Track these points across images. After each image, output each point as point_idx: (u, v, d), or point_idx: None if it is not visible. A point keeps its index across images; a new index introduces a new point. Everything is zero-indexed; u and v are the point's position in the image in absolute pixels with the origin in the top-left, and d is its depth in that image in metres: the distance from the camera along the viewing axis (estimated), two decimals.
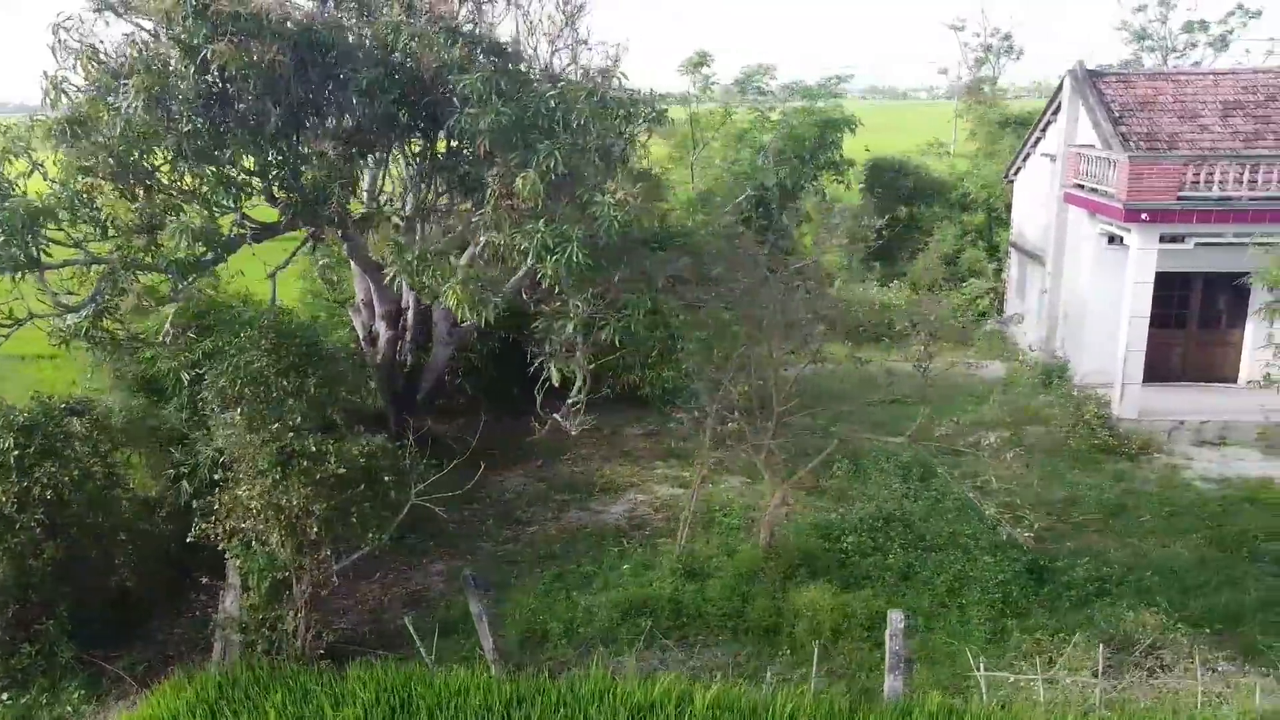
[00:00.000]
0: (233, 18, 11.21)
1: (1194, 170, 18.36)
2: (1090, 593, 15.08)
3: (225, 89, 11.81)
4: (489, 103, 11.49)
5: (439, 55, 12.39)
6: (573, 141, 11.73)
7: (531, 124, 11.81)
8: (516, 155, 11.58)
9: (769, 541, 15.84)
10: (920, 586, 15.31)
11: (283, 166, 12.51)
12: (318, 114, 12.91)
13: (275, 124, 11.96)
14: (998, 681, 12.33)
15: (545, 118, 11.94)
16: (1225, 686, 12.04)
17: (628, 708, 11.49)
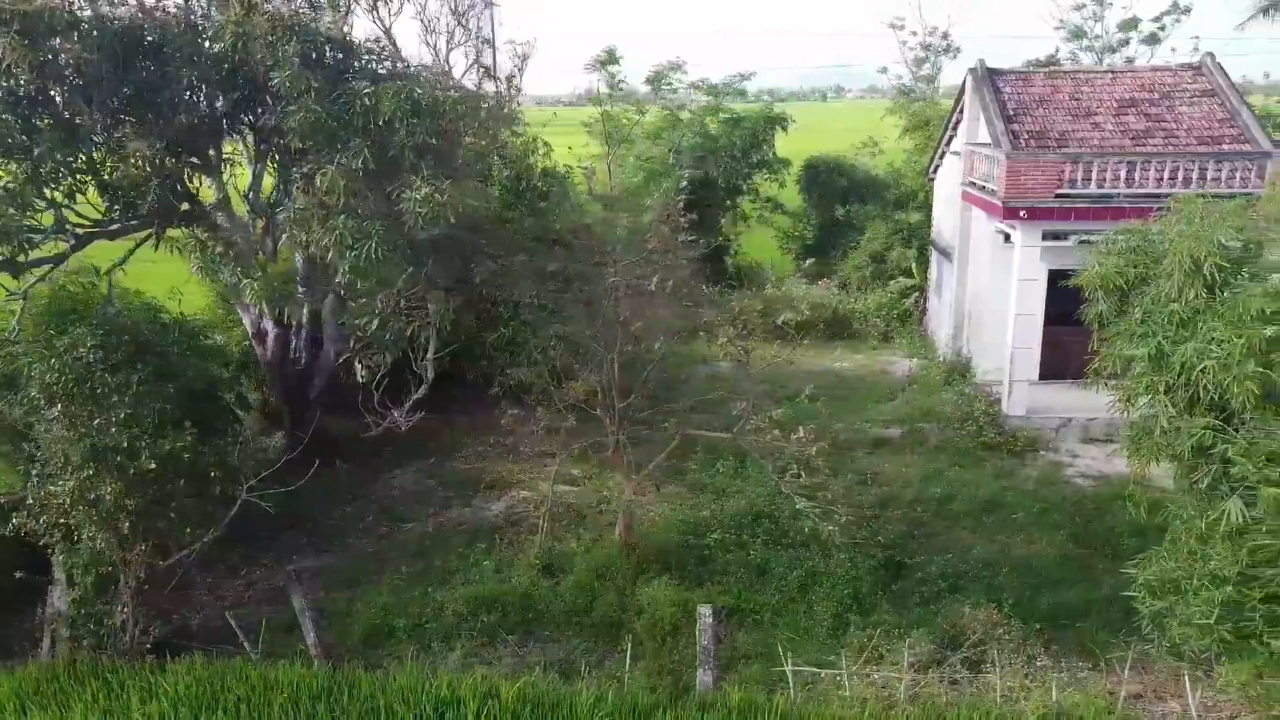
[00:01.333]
0: (19, 16, 11.20)
1: (1072, 168, 18.39)
2: (942, 589, 15.13)
3: (35, 88, 11.86)
4: (301, 99, 11.53)
5: (272, 54, 12.44)
6: (383, 139, 11.76)
7: (346, 121, 11.86)
8: (327, 152, 11.64)
9: (626, 537, 15.88)
10: (774, 582, 15.34)
11: (101, 164, 12.55)
12: (140, 112, 12.93)
13: (91, 123, 11.99)
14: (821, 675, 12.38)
15: (359, 115, 11.99)
16: (1028, 681, 12.05)
17: (434, 702, 11.54)
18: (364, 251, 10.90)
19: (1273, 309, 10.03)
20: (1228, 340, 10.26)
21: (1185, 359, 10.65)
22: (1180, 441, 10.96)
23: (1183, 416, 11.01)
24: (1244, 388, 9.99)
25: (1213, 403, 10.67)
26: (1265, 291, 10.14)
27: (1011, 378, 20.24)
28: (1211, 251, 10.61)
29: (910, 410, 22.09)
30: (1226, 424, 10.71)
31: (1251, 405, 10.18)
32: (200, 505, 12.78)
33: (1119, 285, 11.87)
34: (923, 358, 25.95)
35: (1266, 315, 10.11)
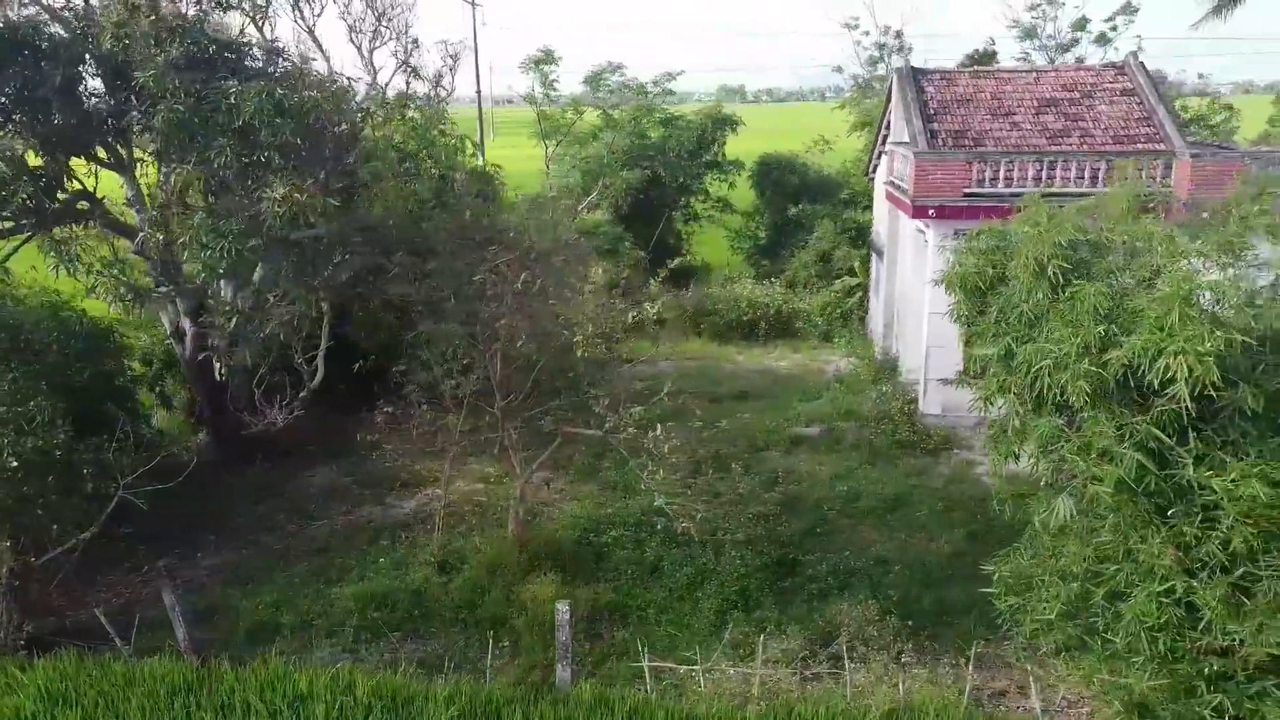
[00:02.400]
0: None
1: (980, 167, 18.45)
2: (831, 587, 15.21)
3: None
4: (166, 100, 11.58)
5: (149, 54, 12.49)
6: (253, 139, 11.81)
7: (211, 121, 11.91)
8: (191, 152, 11.71)
9: (517, 534, 15.96)
10: (664, 580, 15.42)
11: None
12: (21, 111, 13.01)
13: None
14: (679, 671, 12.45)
15: (224, 115, 12.04)
16: (886, 677, 12.11)
17: (289, 695, 11.61)
18: (217, 250, 10.96)
19: (1106, 308, 10.10)
20: (1065, 340, 10.35)
21: (1028, 359, 10.73)
22: (1029, 441, 11.08)
23: (1030, 416, 11.10)
24: (1077, 386, 10.07)
25: (1057, 402, 10.75)
26: (1099, 290, 10.20)
27: (926, 376, 20.31)
28: (1053, 253, 10.68)
29: (832, 409, 22.16)
30: (1071, 422, 10.80)
31: (1086, 403, 10.25)
32: (72, 503, 12.82)
33: (977, 285, 11.93)
34: (859, 357, 26.04)
35: (1101, 314, 10.18)
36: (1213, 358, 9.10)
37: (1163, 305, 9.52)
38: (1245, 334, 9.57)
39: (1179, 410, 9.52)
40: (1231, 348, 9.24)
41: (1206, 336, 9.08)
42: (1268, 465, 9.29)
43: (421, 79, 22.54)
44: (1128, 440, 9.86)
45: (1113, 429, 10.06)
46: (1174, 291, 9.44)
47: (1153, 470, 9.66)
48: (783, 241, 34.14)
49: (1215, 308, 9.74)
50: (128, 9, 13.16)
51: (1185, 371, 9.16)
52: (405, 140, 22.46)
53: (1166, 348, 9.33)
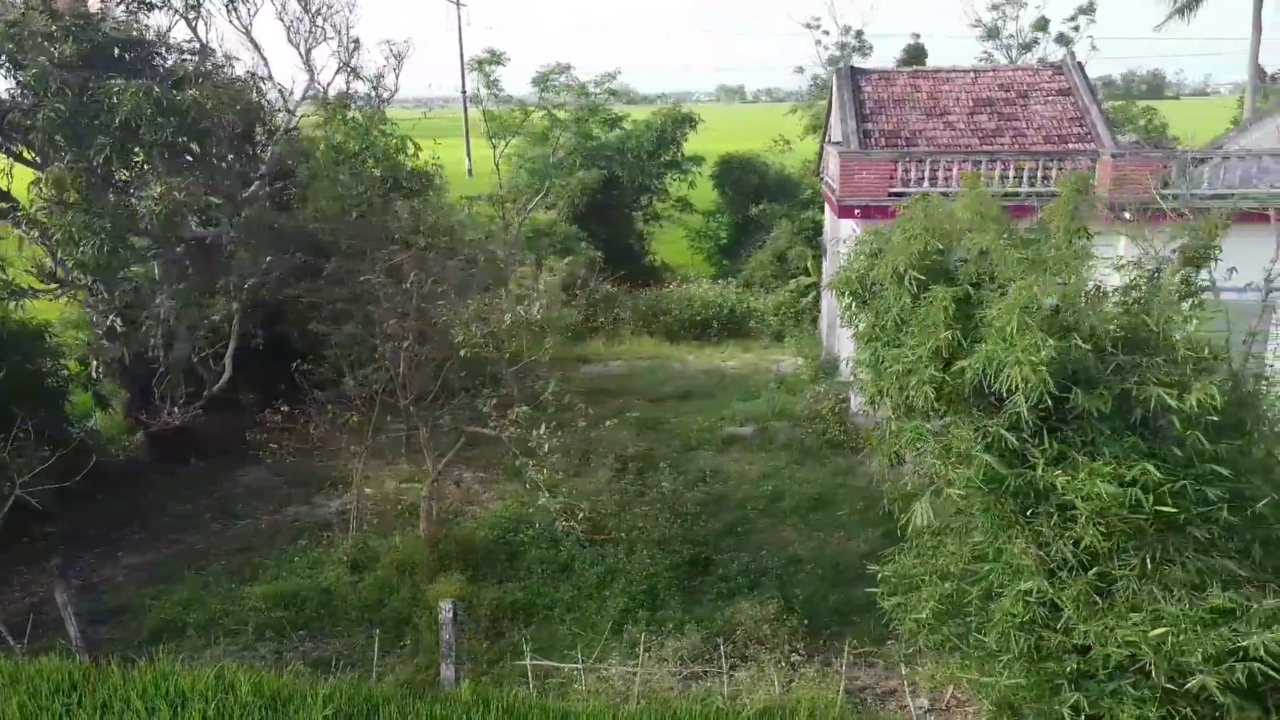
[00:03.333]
0: None
1: (904, 166, 18.45)
2: (740, 586, 15.22)
3: None
4: (48, 99, 11.60)
5: (42, 52, 12.51)
6: (132, 137, 11.84)
7: (93, 119, 11.93)
8: (72, 150, 11.72)
9: (428, 533, 15.98)
10: (575, 579, 15.43)
11: None
12: None
13: None
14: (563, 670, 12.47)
15: (106, 114, 12.05)
16: (756, 678, 12.14)
17: (169, 694, 11.63)
18: (89, 247, 10.97)
19: (955, 314, 10.13)
20: (918, 344, 10.40)
21: (888, 363, 10.78)
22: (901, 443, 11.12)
23: (904, 419, 11.13)
24: (922, 391, 10.12)
25: (923, 406, 10.76)
26: (947, 297, 10.22)
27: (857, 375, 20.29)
28: (910, 261, 10.70)
29: (768, 409, 22.19)
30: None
31: (935, 407, 10.31)
32: None
33: (858, 289, 11.95)
34: (805, 356, 26.07)
35: (950, 320, 10.20)
36: (1050, 365, 9.14)
37: (1006, 315, 9.56)
38: (1094, 338, 9.62)
39: (1040, 411, 9.57)
40: (1074, 353, 9.26)
41: (1041, 345, 9.11)
42: (1118, 465, 9.31)
43: (361, 79, 22.54)
44: (980, 443, 9.91)
45: (969, 432, 10.12)
46: (1014, 301, 9.47)
47: (1004, 471, 9.71)
48: (744, 241, 34.18)
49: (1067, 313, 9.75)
50: (25, 7, 13.16)
51: (1020, 381, 9.21)
52: (346, 140, 22.52)
53: (1007, 358, 9.39)
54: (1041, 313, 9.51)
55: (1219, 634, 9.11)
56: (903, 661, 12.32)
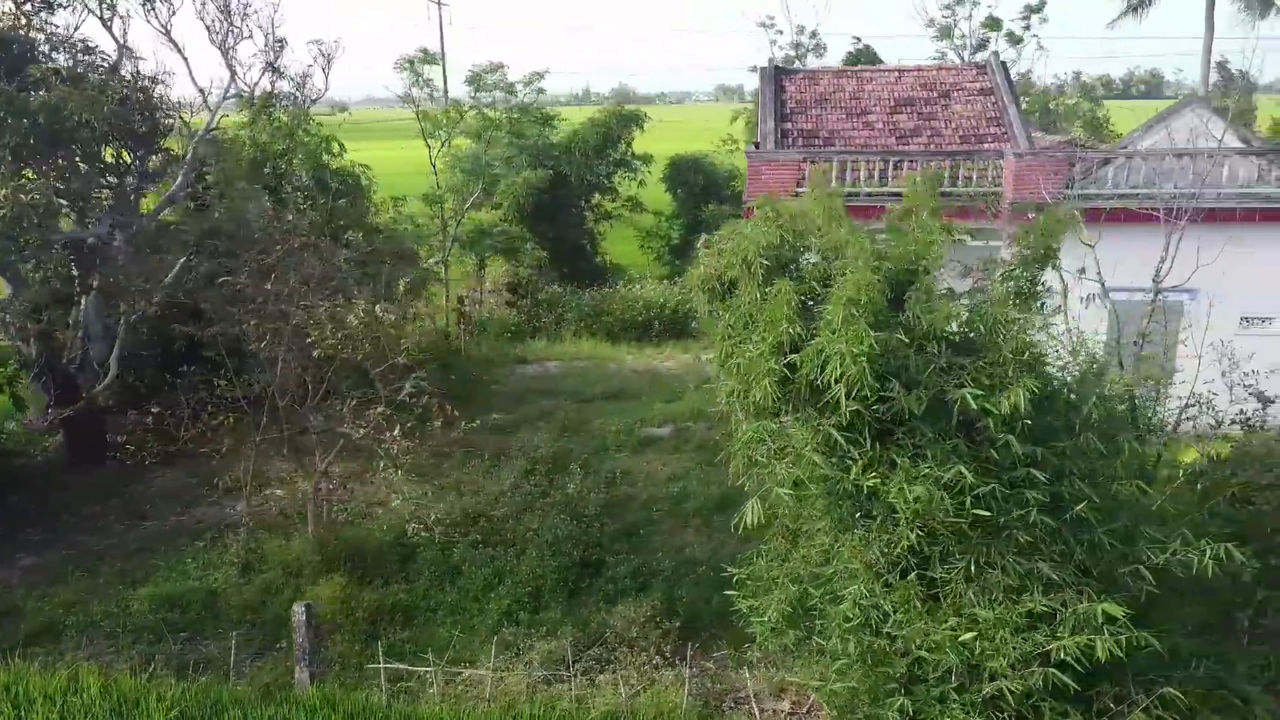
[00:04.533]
0: None
1: (810, 167, 18.38)
2: (629, 587, 15.15)
3: None
4: None
5: None
6: None
7: None
8: None
9: (318, 535, 15.92)
10: (463, 581, 15.38)
11: None
12: None
13: None
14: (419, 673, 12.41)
15: None
16: (609, 681, 12.08)
17: (19, 698, 11.60)
18: None
19: (798, 308, 10.06)
20: (761, 340, 10.30)
21: (736, 360, 10.68)
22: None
23: (751, 419, 11.03)
24: (761, 385, 10.04)
25: (768, 406, 10.68)
26: (789, 290, 10.14)
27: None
28: (755, 254, 10.63)
29: (688, 409, 22.13)
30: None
31: (778, 406, 10.21)
32: None
33: (715, 287, 11.85)
34: None
35: (792, 313, 10.12)
36: (872, 359, 9.07)
37: (835, 306, 9.49)
38: (928, 337, 9.54)
39: (875, 414, 9.50)
40: (898, 348, 9.19)
41: (864, 337, 9.02)
42: (937, 467, 9.24)
43: (286, 79, 22.48)
44: (810, 443, 9.85)
45: (805, 432, 10.05)
46: (840, 292, 9.39)
47: (830, 473, 9.65)
48: (695, 242, 34.02)
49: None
50: None
51: (837, 372, 9.14)
52: (271, 140, 22.49)
53: (831, 349, 9.32)
54: (874, 306, 9.43)
55: (1031, 639, 9.08)
56: (748, 665, 12.26)
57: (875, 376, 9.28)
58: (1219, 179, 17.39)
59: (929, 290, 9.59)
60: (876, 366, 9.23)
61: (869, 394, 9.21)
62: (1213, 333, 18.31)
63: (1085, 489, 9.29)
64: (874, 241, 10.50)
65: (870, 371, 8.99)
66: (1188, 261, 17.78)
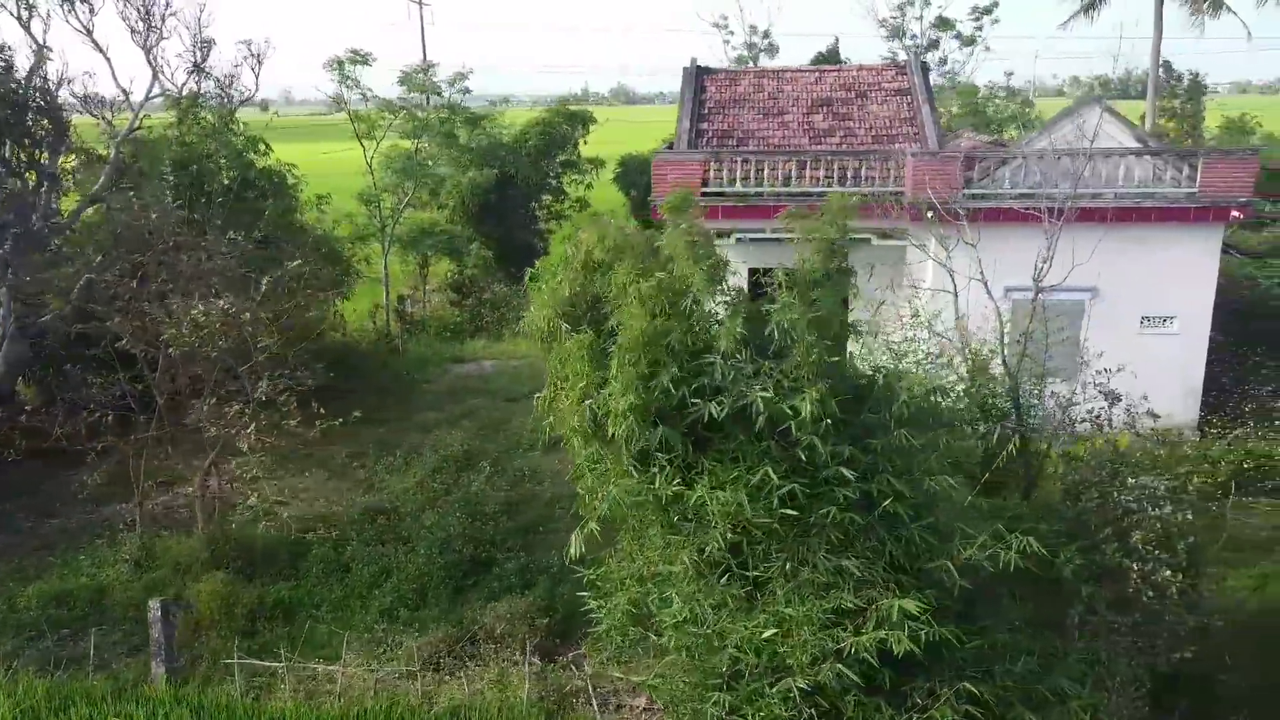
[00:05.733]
0: None
1: (717, 166, 18.47)
2: (514, 584, 15.24)
3: None
4: None
5: None
6: None
7: None
8: None
9: (207, 532, 16.01)
10: (350, 577, 15.48)
11: None
12: None
13: None
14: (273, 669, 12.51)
15: None
16: (466, 677, 12.18)
17: None
18: None
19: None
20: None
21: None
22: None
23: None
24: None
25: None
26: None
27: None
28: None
29: None
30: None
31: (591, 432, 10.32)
32: None
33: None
34: None
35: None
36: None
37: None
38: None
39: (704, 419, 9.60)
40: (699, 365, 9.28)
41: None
42: (748, 470, 9.35)
43: (212, 79, 22.60)
44: (624, 463, 9.99)
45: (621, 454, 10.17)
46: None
47: (638, 485, 9.80)
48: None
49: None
50: None
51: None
52: (196, 141, 22.59)
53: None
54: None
55: (834, 635, 9.18)
56: (602, 663, 12.36)
57: (678, 385, 9.46)
58: (1116, 179, 17.48)
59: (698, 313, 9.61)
60: (681, 377, 9.37)
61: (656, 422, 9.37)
62: (1115, 332, 18.47)
63: (896, 485, 9.39)
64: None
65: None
66: (1087, 261, 17.91)
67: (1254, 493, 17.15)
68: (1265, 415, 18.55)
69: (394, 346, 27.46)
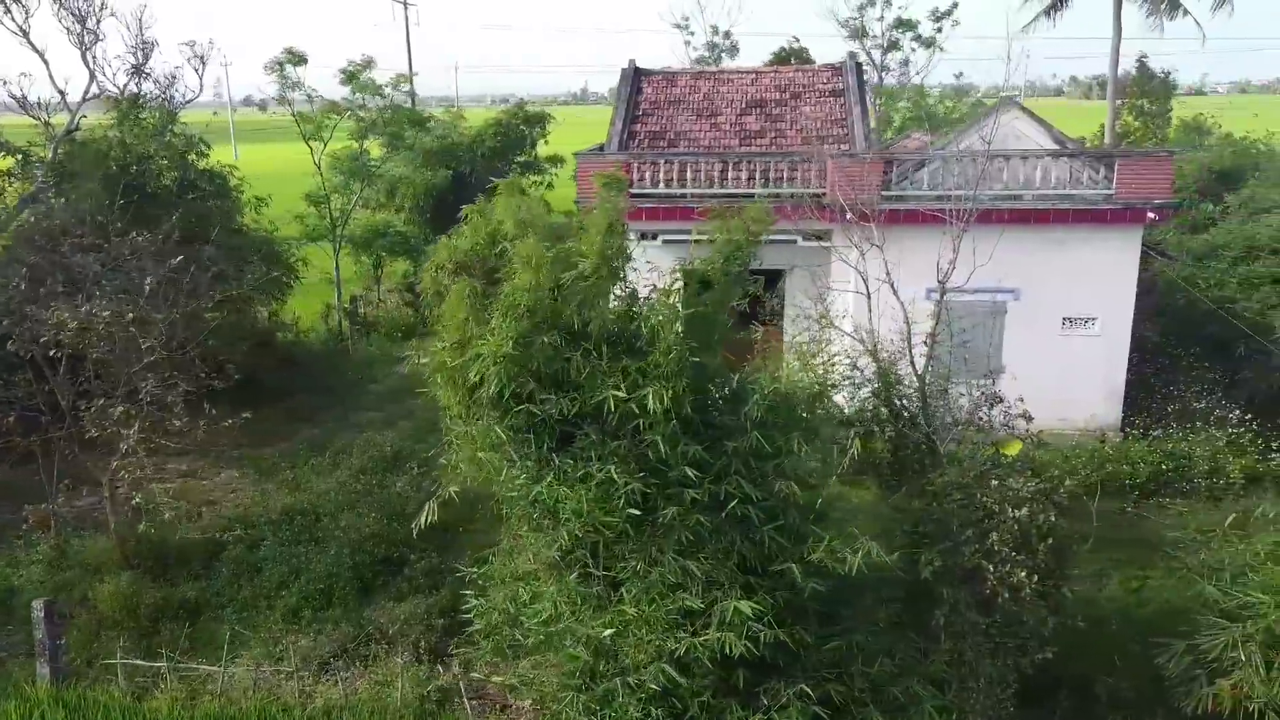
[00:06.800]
0: None
1: (640, 168, 18.52)
2: (422, 585, 15.31)
3: None
4: None
5: None
6: None
7: None
8: None
9: (120, 532, 16.05)
10: (260, 577, 15.54)
11: None
12: None
13: None
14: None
15: None
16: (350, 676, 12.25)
17: None
18: None
19: (469, 308, 10.22)
20: (444, 338, 10.51)
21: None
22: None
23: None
24: (440, 385, 10.28)
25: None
26: (466, 286, 10.32)
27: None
28: (455, 252, 10.82)
29: None
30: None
31: (463, 407, 10.39)
32: None
33: (438, 293, 12.03)
34: None
35: (465, 315, 10.30)
36: (517, 362, 9.25)
37: (496, 306, 9.68)
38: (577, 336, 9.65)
39: (553, 418, 9.66)
40: (541, 348, 9.32)
41: (507, 336, 9.22)
42: (596, 471, 9.41)
43: (152, 81, 22.68)
44: (481, 445, 10.03)
45: (480, 433, 10.23)
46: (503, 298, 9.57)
47: (490, 475, 9.87)
48: None
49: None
50: None
51: (483, 373, 9.33)
52: (136, 141, 22.63)
53: (483, 350, 9.51)
54: (537, 311, 9.58)
55: (673, 636, 9.23)
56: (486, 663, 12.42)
57: (536, 380, 9.52)
58: (1034, 180, 17.52)
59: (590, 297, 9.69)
60: (532, 369, 9.43)
61: (520, 398, 9.43)
62: (1038, 333, 18.53)
63: (746, 487, 9.43)
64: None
65: (508, 374, 9.19)
66: (1007, 263, 17.94)
67: (1168, 494, 17.22)
68: (1187, 416, 18.57)
69: (344, 347, 27.50)
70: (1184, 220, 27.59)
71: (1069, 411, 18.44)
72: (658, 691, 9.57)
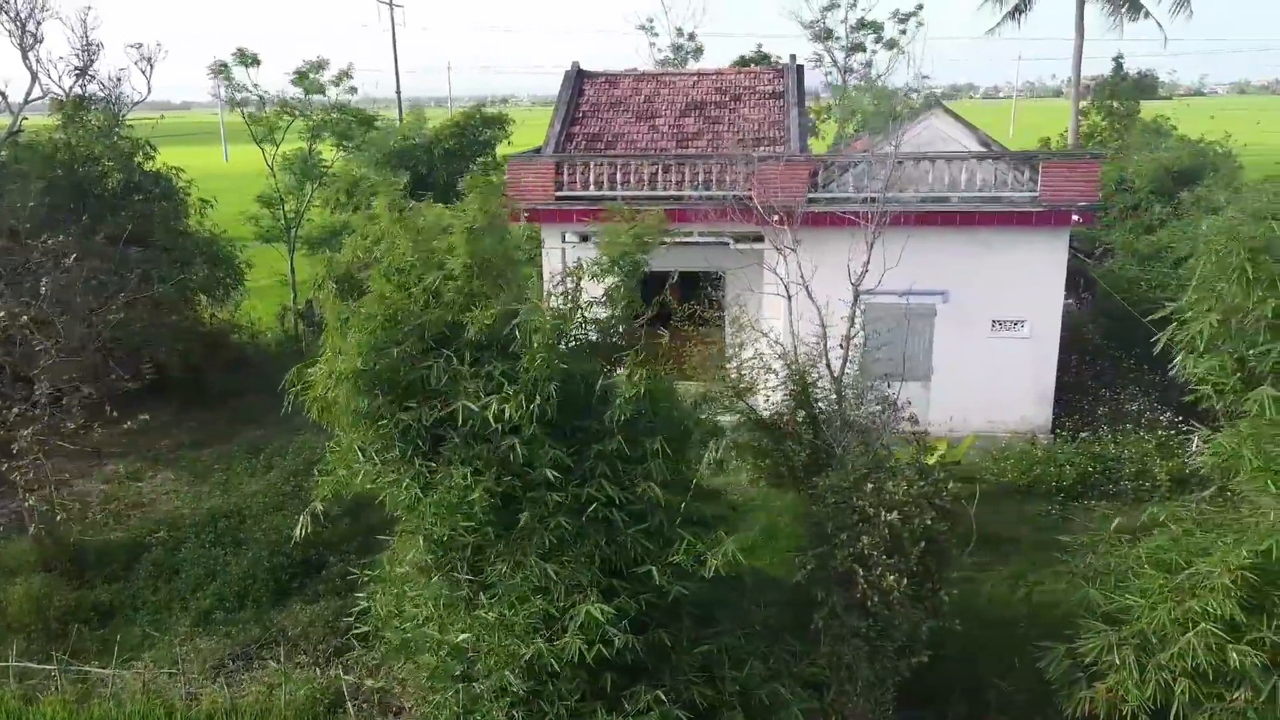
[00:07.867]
0: None
1: (570, 170, 18.51)
2: (339, 588, 15.27)
3: None
4: None
5: None
6: None
7: None
8: None
9: (37, 534, 16.06)
10: (177, 580, 15.55)
11: None
12: None
13: None
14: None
15: None
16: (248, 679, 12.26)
17: None
18: None
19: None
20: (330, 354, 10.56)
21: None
22: None
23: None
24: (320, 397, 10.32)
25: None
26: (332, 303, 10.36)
27: None
28: (325, 276, 10.89)
29: None
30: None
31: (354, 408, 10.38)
32: None
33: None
34: None
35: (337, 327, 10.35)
36: (377, 368, 9.30)
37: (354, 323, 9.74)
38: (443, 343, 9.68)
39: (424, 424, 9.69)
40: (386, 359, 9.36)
41: (361, 349, 9.27)
42: (452, 474, 9.43)
43: (97, 83, 22.71)
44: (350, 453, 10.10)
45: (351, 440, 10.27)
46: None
47: (350, 479, 9.94)
48: None
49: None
50: None
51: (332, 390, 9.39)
52: (80, 143, 22.64)
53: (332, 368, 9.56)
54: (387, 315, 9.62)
55: (526, 641, 9.24)
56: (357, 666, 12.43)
57: (396, 390, 9.57)
58: (959, 183, 17.50)
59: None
60: (386, 380, 9.47)
61: (379, 411, 9.47)
62: (967, 335, 18.49)
63: (609, 489, 9.42)
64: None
65: (356, 389, 9.24)
66: (937, 265, 17.94)
67: (1094, 495, 17.19)
68: (1120, 419, 18.54)
69: (299, 349, 27.44)
70: (1140, 222, 27.58)
71: (999, 413, 18.45)
72: (522, 696, 9.58)
